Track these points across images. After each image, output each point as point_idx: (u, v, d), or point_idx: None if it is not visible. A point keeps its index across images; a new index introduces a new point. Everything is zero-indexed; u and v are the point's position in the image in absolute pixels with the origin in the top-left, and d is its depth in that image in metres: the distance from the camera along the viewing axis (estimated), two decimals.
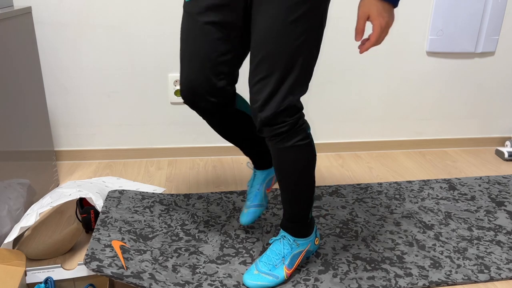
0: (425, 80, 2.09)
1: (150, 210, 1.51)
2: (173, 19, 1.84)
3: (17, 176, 1.43)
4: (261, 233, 1.45)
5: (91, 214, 1.43)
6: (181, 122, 2.01)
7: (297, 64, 1.04)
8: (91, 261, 1.10)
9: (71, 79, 1.89)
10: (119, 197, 1.53)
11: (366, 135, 2.16)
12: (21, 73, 1.47)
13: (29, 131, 1.53)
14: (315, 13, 1.02)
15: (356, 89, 2.06)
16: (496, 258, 1.35)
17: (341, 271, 1.28)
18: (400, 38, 2.00)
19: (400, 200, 1.68)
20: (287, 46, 1.02)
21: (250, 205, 1.38)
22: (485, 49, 2.06)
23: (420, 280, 1.25)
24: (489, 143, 2.26)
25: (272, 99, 1.05)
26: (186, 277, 1.22)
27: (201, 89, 1.15)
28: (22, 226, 1.23)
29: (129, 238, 1.31)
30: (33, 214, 1.27)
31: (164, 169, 1.93)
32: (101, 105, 1.94)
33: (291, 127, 1.09)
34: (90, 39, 1.83)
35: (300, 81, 1.06)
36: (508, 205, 1.66)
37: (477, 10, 1.98)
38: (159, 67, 1.90)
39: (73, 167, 1.94)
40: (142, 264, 1.20)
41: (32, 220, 1.25)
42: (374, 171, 1.95)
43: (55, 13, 1.78)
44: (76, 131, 1.97)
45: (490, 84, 2.15)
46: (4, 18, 1.35)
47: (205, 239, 1.41)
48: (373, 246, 1.40)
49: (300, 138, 1.11)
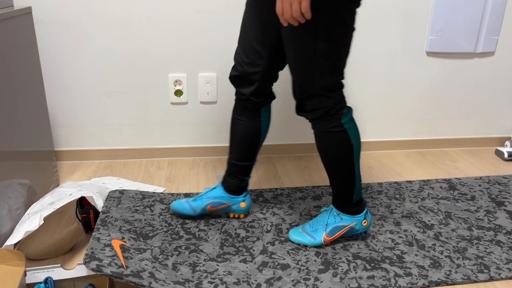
0: (425, 80, 2.09)
1: (151, 209, 1.51)
2: (173, 19, 1.84)
3: (17, 176, 1.43)
4: (261, 232, 1.45)
5: (91, 214, 1.43)
6: (181, 122, 2.01)
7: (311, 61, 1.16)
8: (91, 261, 1.10)
9: (71, 79, 1.89)
10: (119, 197, 1.53)
11: (366, 135, 2.16)
12: (21, 73, 1.47)
13: (29, 131, 1.53)
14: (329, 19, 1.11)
15: (356, 89, 2.06)
16: (496, 258, 1.35)
17: (341, 270, 1.28)
18: (400, 38, 2.00)
19: (400, 200, 1.68)
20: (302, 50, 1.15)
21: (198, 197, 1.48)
22: (485, 49, 2.06)
23: (420, 279, 1.25)
24: (489, 143, 2.26)
25: (297, 89, 1.22)
26: (186, 275, 1.22)
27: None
28: (27, 230, 1.22)
29: (129, 237, 1.31)
30: (37, 216, 1.26)
31: (164, 169, 1.94)
32: (101, 105, 1.94)
33: (321, 115, 1.23)
34: (90, 39, 1.83)
35: (322, 75, 1.17)
36: (508, 205, 1.66)
37: (477, 10, 1.98)
38: (159, 67, 1.91)
39: (73, 167, 1.95)
40: (142, 262, 1.20)
41: (36, 223, 1.24)
42: (374, 171, 1.95)
43: (55, 13, 1.78)
44: (76, 131, 1.97)
45: (490, 84, 2.15)
46: (4, 18, 1.35)
47: (206, 238, 1.41)
48: (373, 245, 1.40)
49: (333, 125, 1.23)
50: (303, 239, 1.37)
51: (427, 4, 1.96)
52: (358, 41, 1.98)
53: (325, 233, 1.35)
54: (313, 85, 1.18)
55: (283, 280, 1.23)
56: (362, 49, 1.99)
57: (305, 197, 1.68)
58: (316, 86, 1.18)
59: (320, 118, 1.23)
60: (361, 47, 1.99)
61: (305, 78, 1.18)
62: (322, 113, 1.22)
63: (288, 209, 1.60)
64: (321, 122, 1.24)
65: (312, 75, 1.17)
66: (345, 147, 1.25)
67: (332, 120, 1.23)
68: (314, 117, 1.24)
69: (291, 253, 1.35)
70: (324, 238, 1.35)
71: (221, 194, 1.47)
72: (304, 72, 1.18)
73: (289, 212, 1.58)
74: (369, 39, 1.98)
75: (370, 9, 1.93)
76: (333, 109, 1.22)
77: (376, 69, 2.04)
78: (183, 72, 1.93)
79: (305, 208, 1.60)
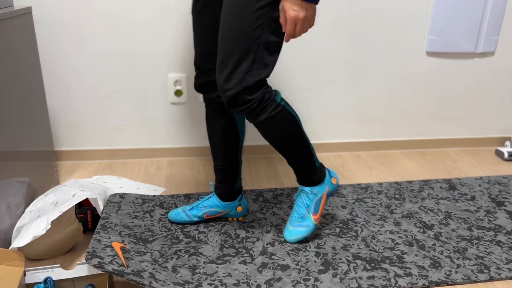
0: (425, 80, 2.09)
1: (150, 215, 1.51)
2: (173, 19, 1.84)
3: (17, 176, 1.43)
4: (261, 232, 1.45)
5: (88, 214, 1.43)
6: (181, 122, 2.01)
7: (253, 47, 1.12)
8: (92, 258, 1.10)
9: (71, 79, 1.89)
10: (119, 201, 1.53)
11: (366, 135, 2.16)
12: (21, 73, 1.47)
13: (29, 131, 1.53)
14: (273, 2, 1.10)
15: (356, 89, 2.06)
16: (496, 258, 1.35)
17: (341, 270, 1.28)
18: (400, 38, 2.00)
19: (400, 200, 1.68)
20: (242, 31, 1.11)
21: (195, 206, 1.49)
22: (485, 49, 2.05)
23: (420, 280, 1.25)
24: (489, 143, 2.26)
25: (230, 81, 1.14)
26: (186, 277, 1.22)
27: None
28: (35, 235, 1.21)
29: (129, 241, 1.31)
30: (43, 220, 1.25)
31: (164, 169, 1.93)
32: (101, 105, 1.94)
33: (258, 104, 1.18)
34: (90, 39, 1.83)
35: (258, 64, 1.14)
36: (508, 205, 1.66)
37: (477, 10, 1.98)
38: (159, 67, 1.91)
39: (73, 167, 1.94)
40: (142, 264, 1.20)
41: (43, 226, 1.23)
42: (374, 171, 1.95)
43: (55, 13, 1.78)
44: (76, 131, 1.97)
45: (490, 84, 2.15)
46: (4, 18, 1.35)
47: (205, 240, 1.41)
48: (373, 245, 1.40)
49: (271, 109, 1.20)
50: (300, 234, 1.38)
51: (427, 4, 1.96)
52: (358, 41, 1.98)
53: (311, 214, 1.37)
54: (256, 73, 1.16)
55: (283, 281, 1.23)
56: (362, 49, 1.99)
57: None
58: (255, 73, 1.16)
59: (256, 109, 1.19)
60: (361, 47, 1.99)
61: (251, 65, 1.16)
62: (258, 103, 1.18)
63: (288, 209, 1.59)
64: (258, 112, 1.20)
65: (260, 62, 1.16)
66: (291, 122, 1.24)
67: (268, 104, 1.20)
68: (250, 110, 1.19)
69: (291, 254, 1.35)
70: (314, 219, 1.37)
71: (216, 203, 1.47)
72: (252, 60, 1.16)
73: (289, 212, 1.57)
74: (369, 39, 1.98)
75: (370, 9, 1.93)
76: (265, 94, 1.19)
77: (376, 69, 2.03)
78: (183, 72, 1.93)
79: None
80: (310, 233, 1.38)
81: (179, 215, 1.48)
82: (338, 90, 2.05)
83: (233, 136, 1.40)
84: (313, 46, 1.95)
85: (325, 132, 2.12)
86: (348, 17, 1.93)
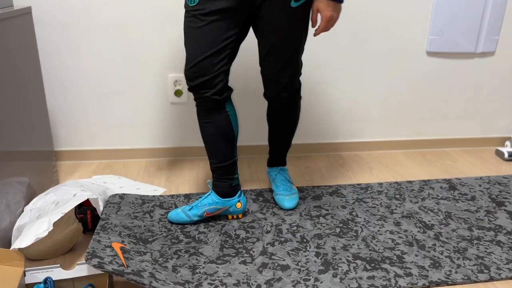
0: (425, 80, 2.09)
1: (150, 215, 1.51)
2: (173, 19, 1.84)
3: (16, 176, 1.43)
4: (261, 232, 1.45)
5: (88, 214, 1.43)
6: (181, 122, 2.01)
7: (300, 54, 1.42)
8: (92, 258, 1.10)
9: (71, 79, 1.89)
10: (119, 202, 1.53)
11: (366, 135, 2.16)
12: (21, 73, 1.47)
13: (29, 131, 1.53)
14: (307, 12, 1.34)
15: (356, 89, 2.06)
16: (496, 258, 1.35)
17: (341, 270, 1.28)
18: (400, 38, 2.00)
19: (400, 200, 1.68)
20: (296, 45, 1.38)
21: (194, 206, 1.52)
22: (485, 49, 2.05)
23: (420, 280, 1.25)
24: (489, 143, 2.26)
25: (295, 79, 1.44)
26: (186, 277, 1.22)
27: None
28: (38, 236, 1.21)
29: (129, 241, 1.31)
30: (45, 221, 1.25)
31: (164, 170, 1.93)
32: (101, 105, 1.94)
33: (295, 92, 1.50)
34: (90, 39, 1.83)
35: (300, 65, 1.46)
36: (508, 205, 1.66)
37: (477, 10, 1.98)
38: (159, 67, 1.90)
39: (73, 167, 1.94)
40: (142, 263, 1.20)
41: (45, 228, 1.23)
42: (374, 171, 1.95)
43: (55, 13, 1.78)
44: (76, 131, 1.97)
45: (490, 84, 2.15)
46: (4, 18, 1.35)
47: (205, 240, 1.41)
48: (373, 246, 1.40)
49: (299, 97, 1.54)
50: (296, 200, 1.60)
51: (427, 4, 1.96)
52: (358, 41, 1.98)
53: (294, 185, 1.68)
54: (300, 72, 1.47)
55: (283, 281, 1.23)
56: (362, 49, 1.99)
57: (305, 197, 1.68)
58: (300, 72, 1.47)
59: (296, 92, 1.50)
60: (362, 47, 1.99)
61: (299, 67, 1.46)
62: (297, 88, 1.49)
63: (288, 209, 1.59)
64: (294, 95, 1.49)
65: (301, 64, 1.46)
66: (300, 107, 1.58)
67: (299, 93, 1.53)
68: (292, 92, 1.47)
69: (291, 254, 1.35)
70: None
71: (215, 200, 1.47)
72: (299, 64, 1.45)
73: (289, 212, 1.57)
74: (369, 39, 1.98)
75: (370, 9, 1.93)
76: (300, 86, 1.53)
77: (376, 69, 2.03)
78: (183, 72, 1.92)
79: (305, 208, 1.60)
80: (298, 199, 1.64)
81: (178, 215, 1.48)
82: (338, 90, 2.05)
83: (228, 132, 1.41)
84: (313, 46, 1.95)
85: (325, 132, 2.12)
86: (348, 17, 1.93)
